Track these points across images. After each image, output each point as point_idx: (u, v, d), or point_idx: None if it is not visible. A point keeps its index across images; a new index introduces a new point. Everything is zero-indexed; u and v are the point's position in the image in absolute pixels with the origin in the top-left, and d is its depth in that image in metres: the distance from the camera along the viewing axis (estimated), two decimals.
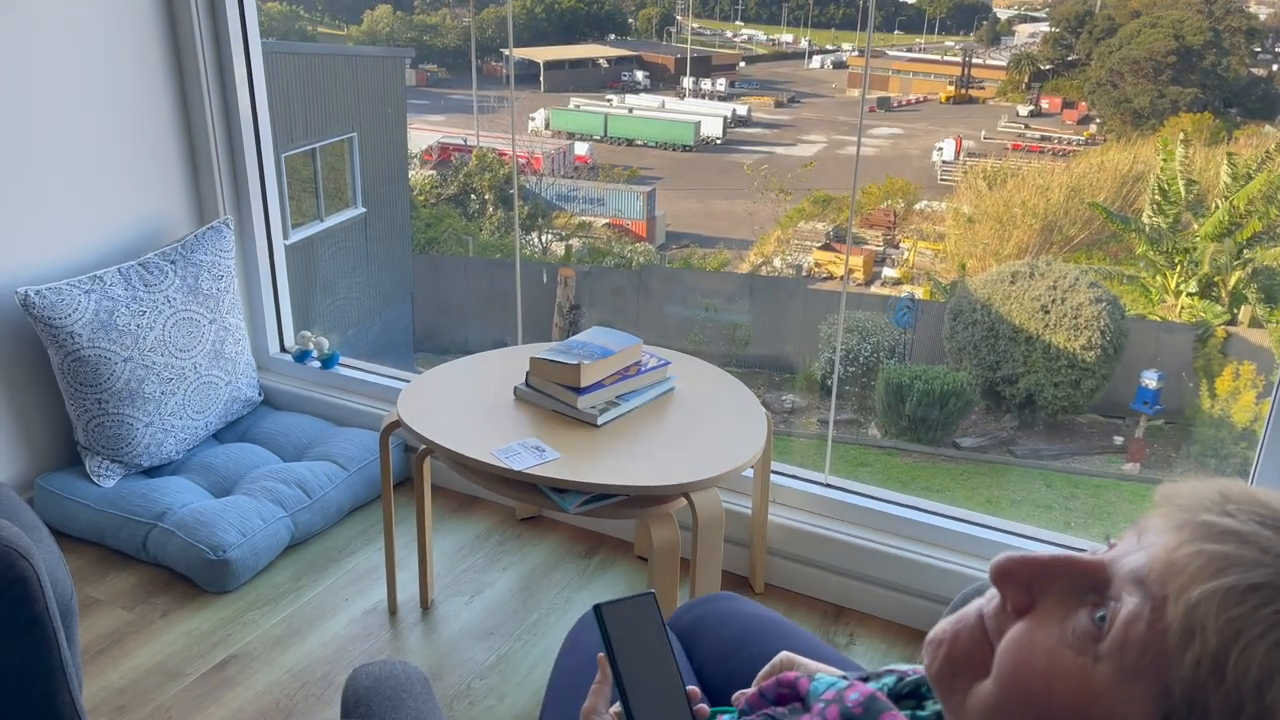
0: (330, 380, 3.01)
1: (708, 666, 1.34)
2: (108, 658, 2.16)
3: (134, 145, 2.71)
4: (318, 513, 2.59)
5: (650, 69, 23.21)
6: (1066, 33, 20.85)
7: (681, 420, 2.08)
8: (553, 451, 1.93)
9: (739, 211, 16.48)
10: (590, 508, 1.90)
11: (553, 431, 2.01)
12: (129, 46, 2.64)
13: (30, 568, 1.47)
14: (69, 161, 2.56)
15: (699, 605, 1.45)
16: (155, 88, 2.73)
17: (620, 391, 2.12)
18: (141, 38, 2.66)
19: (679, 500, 1.89)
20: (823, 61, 24.07)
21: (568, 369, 2.05)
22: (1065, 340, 9.08)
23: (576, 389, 2.05)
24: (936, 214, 15.77)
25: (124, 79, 2.64)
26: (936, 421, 9.21)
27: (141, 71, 2.68)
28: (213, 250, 2.73)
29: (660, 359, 2.22)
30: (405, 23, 23.31)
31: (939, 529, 2.29)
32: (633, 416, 2.09)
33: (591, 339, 2.18)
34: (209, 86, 2.78)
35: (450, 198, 16.00)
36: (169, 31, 2.72)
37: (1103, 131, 18.06)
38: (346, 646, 2.21)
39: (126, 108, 2.67)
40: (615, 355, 2.11)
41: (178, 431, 2.66)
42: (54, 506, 2.54)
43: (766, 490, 2.31)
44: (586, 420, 2.04)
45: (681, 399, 2.17)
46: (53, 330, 2.41)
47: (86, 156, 2.59)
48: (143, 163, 2.74)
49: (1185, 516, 0.57)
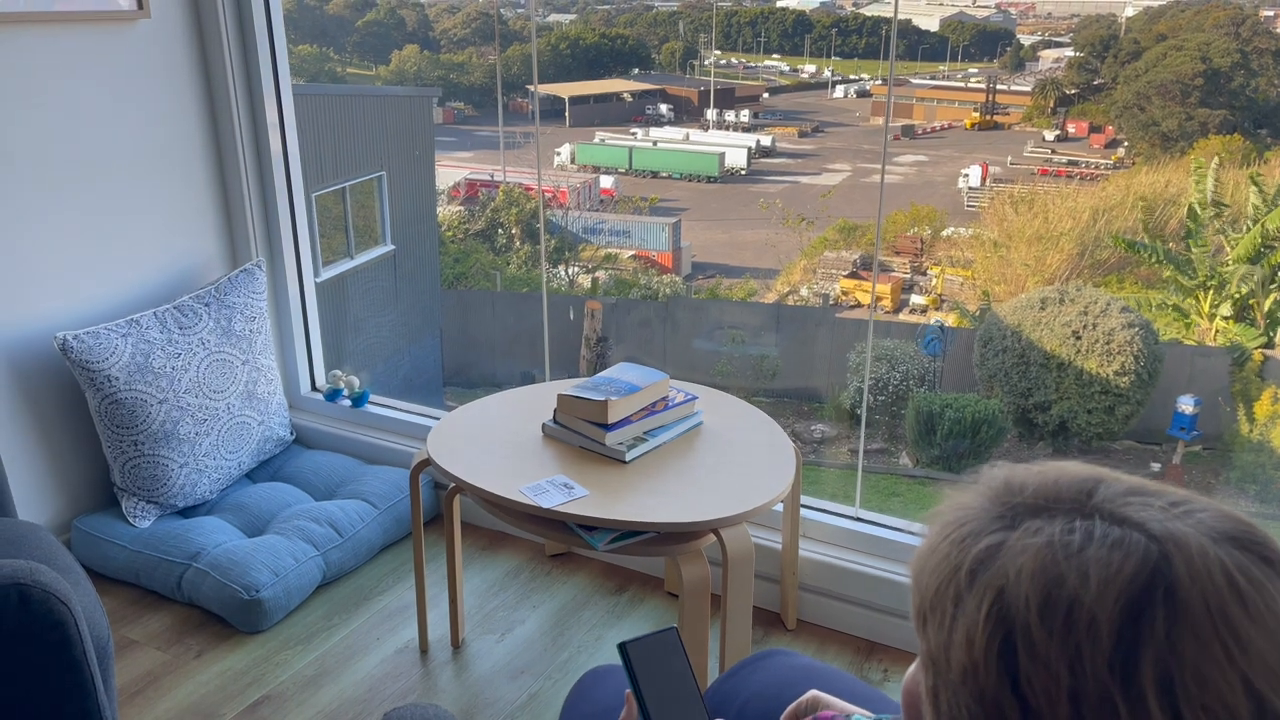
0: (361, 418, 3.03)
1: (748, 710, 1.33)
2: (144, 699, 2.17)
3: (168, 190, 2.76)
4: (349, 551, 2.60)
5: (674, 102, 23.40)
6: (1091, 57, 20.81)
7: (709, 456, 2.08)
8: (581, 489, 1.93)
9: (764, 241, 16.51)
10: (619, 545, 1.89)
11: (581, 468, 2.02)
12: (164, 93, 2.70)
13: (69, 612, 1.49)
14: (106, 207, 2.61)
15: (750, 662, 1.44)
16: (189, 133, 2.79)
17: (648, 427, 2.12)
18: (176, 84, 2.72)
19: (708, 537, 1.88)
20: (846, 90, 24.16)
21: (595, 405, 2.06)
22: (1098, 366, 8.99)
23: (604, 425, 2.05)
24: (964, 240, 15.71)
25: (159, 125, 2.70)
26: (968, 450, 9.13)
27: (176, 117, 2.74)
28: (245, 292, 2.77)
29: (687, 394, 2.22)
30: (433, 61, 23.68)
31: None
32: (661, 452, 2.09)
33: (618, 375, 2.19)
34: (241, 130, 2.84)
35: (478, 233, 16.16)
36: (203, 76, 2.78)
37: (1131, 155, 17.96)
38: (378, 686, 2.21)
39: (161, 154, 2.72)
40: (642, 391, 2.12)
41: (211, 472, 2.69)
42: (91, 548, 2.57)
43: (797, 525, 2.30)
44: (614, 457, 2.05)
45: (709, 434, 2.17)
46: (90, 374, 2.45)
47: (123, 202, 2.65)
48: (177, 207, 2.79)
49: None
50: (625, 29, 25.77)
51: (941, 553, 0.63)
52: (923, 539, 0.66)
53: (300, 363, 3.14)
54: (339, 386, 3.08)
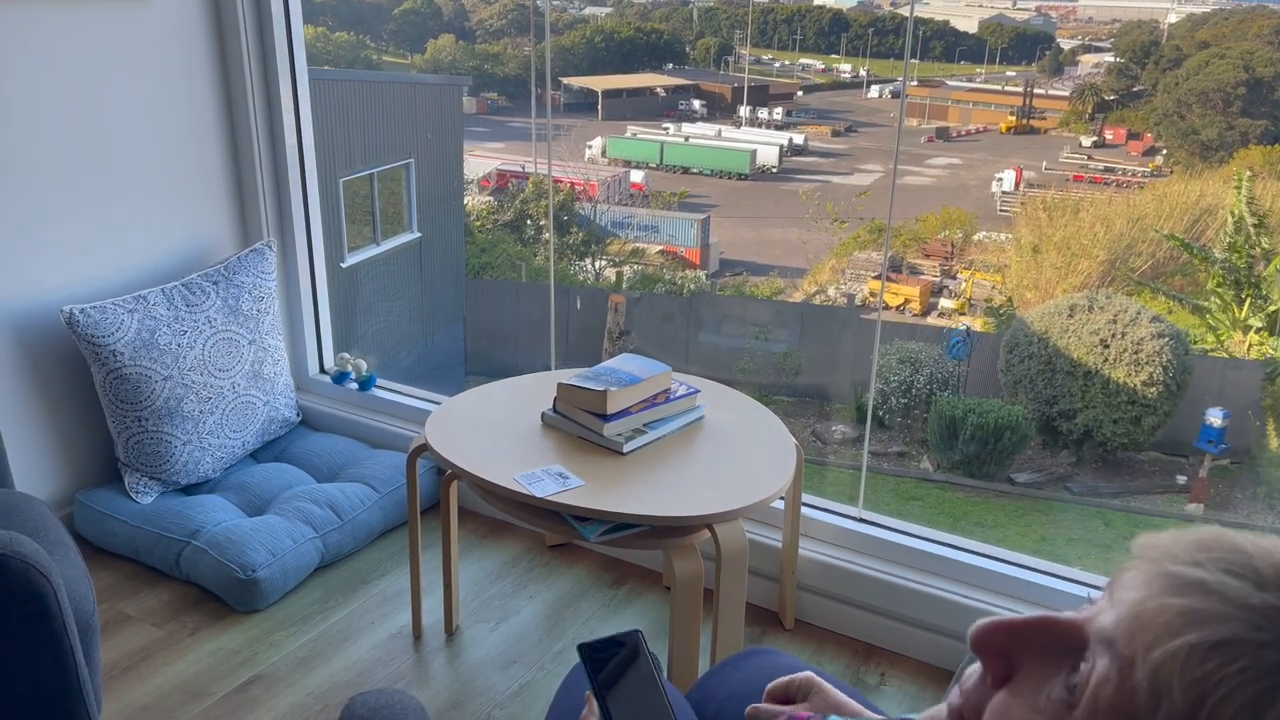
0: (367, 402, 3.03)
1: (725, 710, 1.31)
2: (135, 674, 2.17)
3: (181, 169, 2.76)
4: (348, 534, 2.59)
5: (707, 98, 23.32)
6: (1132, 63, 20.52)
7: (709, 450, 2.05)
8: (576, 479, 1.91)
9: (794, 240, 16.41)
10: (612, 537, 1.87)
11: (578, 458, 1.99)
12: (180, 74, 2.70)
13: (48, 583, 1.48)
14: (116, 184, 2.62)
15: (735, 659, 1.42)
16: (204, 113, 2.78)
17: (648, 419, 2.09)
18: (191, 62, 2.72)
19: (703, 532, 1.85)
20: (881, 91, 23.97)
21: (594, 395, 2.03)
22: (1125, 375, 8.85)
23: (603, 416, 2.03)
24: (996, 245, 15.54)
25: (174, 105, 2.70)
26: (990, 456, 9.02)
27: (191, 98, 2.74)
28: (254, 272, 2.76)
29: (690, 387, 2.18)
30: (468, 51, 23.73)
31: (975, 568, 2.22)
32: (660, 445, 2.06)
33: (620, 365, 2.16)
34: (256, 112, 2.83)
35: (506, 224, 16.18)
36: (219, 59, 2.78)
37: (1169, 163, 17.69)
38: (369, 671, 2.20)
39: (175, 133, 2.72)
40: (643, 382, 2.09)
41: (215, 450, 2.69)
42: (92, 522, 2.58)
43: (797, 523, 2.26)
44: (612, 448, 2.02)
45: (711, 428, 2.13)
46: (95, 348, 2.46)
47: (134, 179, 2.65)
48: (189, 186, 2.79)
49: (1154, 569, 0.53)
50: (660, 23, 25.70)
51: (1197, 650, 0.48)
52: (1174, 609, 0.50)
53: (310, 345, 3.13)
54: (346, 369, 3.07)
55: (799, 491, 2.23)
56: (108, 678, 2.15)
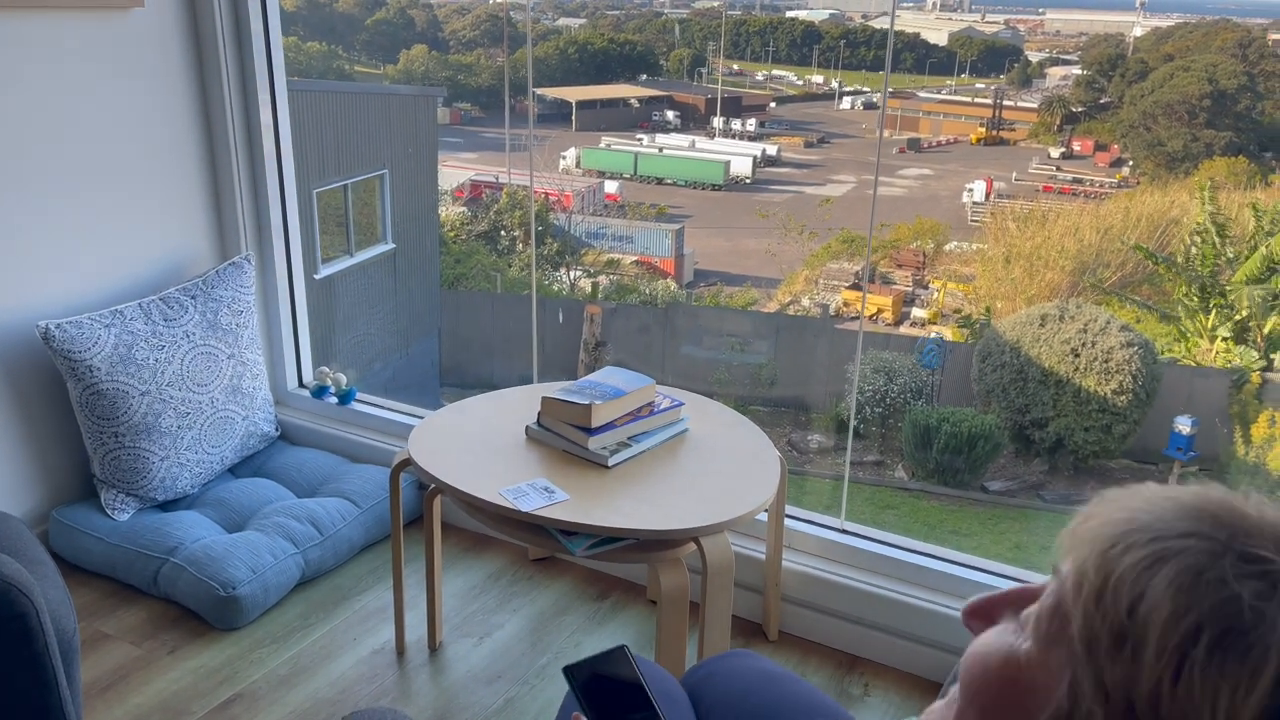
0: (346, 416, 3.01)
1: (712, 717, 1.32)
2: (114, 694, 2.14)
3: (159, 182, 2.74)
4: (329, 550, 2.57)
5: (681, 109, 23.43)
6: (1098, 75, 20.83)
7: (694, 463, 2.06)
8: (561, 493, 1.91)
9: (767, 250, 16.50)
10: (598, 551, 1.87)
11: (563, 472, 1.99)
12: (157, 83, 2.68)
13: (30, 604, 1.46)
14: (93, 197, 2.59)
15: (713, 662, 1.43)
16: (182, 125, 2.76)
17: (632, 433, 2.09)
18: (169, 74, 2.70)
19: (688, 545, 1.85)
20: (853, 102, 24.18)
21: (579, 409, 2.03)
22: (1096, 384, 8.96)
23: (588, 429, 2.03)
24: (966, 255, 15.70)
25: (152, 117, 2.68)
26: (964, 464, 9.09)
27: (169, 110, 2.72)
28: (233, 286, 2.74)
29: (674, 400, 2.19)
30: (441, 62, 23.70)
31: (957, 578, 2.23)
32: (644, 458, 2.06)
33: (604, 379, 2.16)
34: (234, 124, 2.82)
35: (480, 234, 16.15)
36: (196, 68, 2.76)
37: (1135, 174, 17.95)
38: (351, 688, 2.19)
39: (153, 145, 2.70)
40: (627, 396, 2.09)
41: (193, 466, 2.66)
42: (68, 539, 2.54)
43: (781, 536, 2.27)
44: (597, 461, 2.02)
45: (695, 441, 2.14)
46: (71, 363, 2.43)
47: (111, 192, 2.63)
48: (167, 198, 2.77)
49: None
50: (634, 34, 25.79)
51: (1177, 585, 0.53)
52: (1101, 520, 0.58)
53: (289, 359, 3.11)
54: (326, 384, 3.05)
55: (783, 503, 2.23)
56: (86, 697, 2.11)
